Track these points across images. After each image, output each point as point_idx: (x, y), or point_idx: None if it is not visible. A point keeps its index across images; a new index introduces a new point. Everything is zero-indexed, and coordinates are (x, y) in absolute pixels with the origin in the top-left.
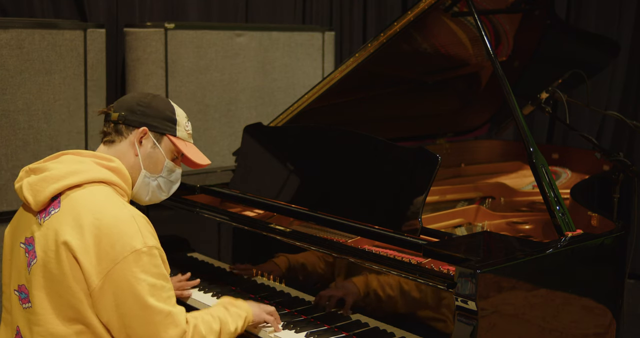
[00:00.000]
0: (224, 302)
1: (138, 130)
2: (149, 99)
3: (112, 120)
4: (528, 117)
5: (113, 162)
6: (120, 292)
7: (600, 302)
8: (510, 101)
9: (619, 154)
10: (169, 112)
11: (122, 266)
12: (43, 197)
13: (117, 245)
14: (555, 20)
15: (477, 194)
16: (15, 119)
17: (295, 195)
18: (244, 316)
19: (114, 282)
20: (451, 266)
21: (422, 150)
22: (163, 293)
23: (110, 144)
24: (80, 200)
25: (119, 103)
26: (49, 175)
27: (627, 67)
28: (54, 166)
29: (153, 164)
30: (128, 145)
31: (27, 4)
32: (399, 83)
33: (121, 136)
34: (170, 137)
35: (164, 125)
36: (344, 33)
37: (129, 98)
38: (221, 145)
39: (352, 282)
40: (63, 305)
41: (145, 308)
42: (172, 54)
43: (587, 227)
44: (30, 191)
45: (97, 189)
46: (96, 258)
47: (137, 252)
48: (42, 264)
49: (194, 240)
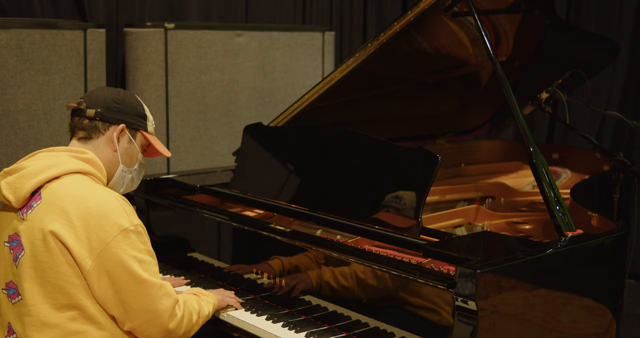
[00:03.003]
0: (192, 290)
1: (117, 127)
2: (122, 96)
3: (88, 116)
4: (528, 117)
5: (87, 154)
6: (114, 269)
7: (600, 302)
8: (510, 101)
9: (619, 154)
10: (140, 108)
11: (113, 245)
12: (24, 193)
13: (106, 225)
14: (555, 20)
15: (477, 194)
16: (15, 119)
17: (295, 195)
18: (212, 302)
19: (107, 261)
20: (451, 266)
21: (422, 150)
22: (152, 268)
23: (86, 140)
24: (61, 189)
25: (91, 99)
26: (27, 172)
27: (627, 67)
28: (30, 164)
29: (129, 158)
30: (106, 141)
31: (27, 4)
32: (399, 83)
33: (98, 133)
34: (142, 132)
35: (138, 121)
36: (344, 33)
37: (102, 94)
38: (221, 145)
39: (307, 274)
40: (54, 292)
41: (140, 282)
42: (172, 54)
43: (587, 227)
44: (9, 189)
45: (75, 178)
46: (87, 241)
47: (126, 230)
48: (31, 254)
49: (194, 240)
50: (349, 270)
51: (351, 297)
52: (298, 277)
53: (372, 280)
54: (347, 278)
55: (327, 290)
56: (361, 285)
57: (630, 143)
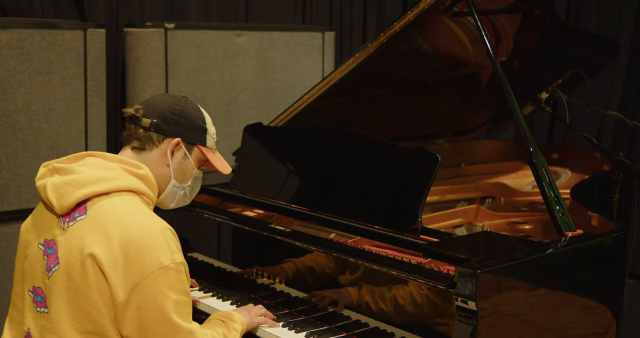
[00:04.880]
0: (220, 316)
1: (172, 140)
2: (182, 106)
3: (143, 126)
4: (528, 117)
5: (141, 170)
6: (145, 306)
7: (600, 302)
8: (510, 101)
9: (619, 154)
10: (201, 120)
11: (149, 281)
12: (69, 202)
13: (146, 259)
14: (555, 20)
15: (477, 194)
16: (15, 119)
17: (295, 195)
18: (240, 330)
19: (140, 296)
20: (451, 266)
21: (422, 150)
22: (185, 310)
23: (139, 150)
24: (108, 209)
25: (149, 107)
26: (76, 178)
27: (627, 67)
28: (80, 169)
29: (182, 173)
30: (159, 154)
31: (27, 4)
32: (399, 83)
33: (152, 145)
34: (200, 147)
35: (196, 135)
36: (344, 33)
37: (160, 102)
38: (221, 145)
39: (348, 292)
40: (81, 316)
41: (169, 325)
42: (172, 54)
43: (587, 227)
44: (54, 193)
45: (126, 199)
46: (123, 272)
47: (165, 268)
48: (65, 272)
49: (194, 240)
50: (350, 271)
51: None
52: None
53: (373, 281)
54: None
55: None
56: (363, 287)
57: (630, 143)
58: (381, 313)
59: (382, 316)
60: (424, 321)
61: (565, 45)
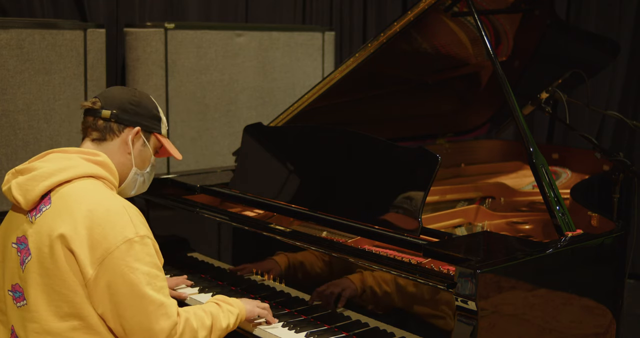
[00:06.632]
0: (216, 298)
1: (132, 129)
2: (138, 97)
3: (104, 117)
4: (528, 117)
5: (99, 157)
6: (114, 281)
7: (600, 302)
8: (510, 101)
9: (619, 154)
10: (155, 110)
11: (115, 255)
12: (34, 196)
13: (110, 235)
14: (555, 20)
15: (477, 194)
16: (15, 119)
17: (295, 195)
18: (236, 312)
19: (108, 271)
20: (451, 266)
21: (422, 150)
22: (157, 283)
23: (100, 141)
24: (71, 194)
25: (107, 99)
26: (38, 173)
27: (627, 67)
28: (41, 165)
29: (142, 161)
30: (120, 143)
31: (27, 4)
32: (399, 83)
33: (113, 134)
34: (156, 135)
35: (153, 124)
36: (344, 33)
37: (118, 94)
38: (221, 145)
39: (349, 280)
40: (58, 300)
41: (139, 297)
42: (172, 54)
43: (587, 227)
44: (19, 191)
45: (87, 183)
46: (89, 249)
47: (130, 241)
48: (37, 260)
49: (194, 240)
50: (350, 271)
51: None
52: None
53: (374, 281)
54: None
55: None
56: (363, 272)
57: (630, 143)
58: (383, 305)
59: (383, 311)
60: (423, 321)
61: (565, 45)
